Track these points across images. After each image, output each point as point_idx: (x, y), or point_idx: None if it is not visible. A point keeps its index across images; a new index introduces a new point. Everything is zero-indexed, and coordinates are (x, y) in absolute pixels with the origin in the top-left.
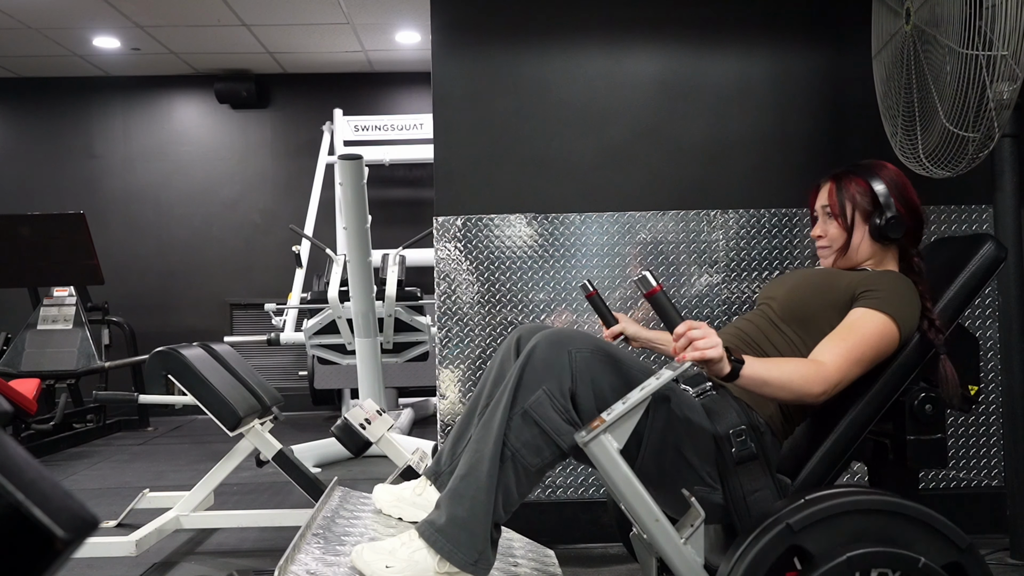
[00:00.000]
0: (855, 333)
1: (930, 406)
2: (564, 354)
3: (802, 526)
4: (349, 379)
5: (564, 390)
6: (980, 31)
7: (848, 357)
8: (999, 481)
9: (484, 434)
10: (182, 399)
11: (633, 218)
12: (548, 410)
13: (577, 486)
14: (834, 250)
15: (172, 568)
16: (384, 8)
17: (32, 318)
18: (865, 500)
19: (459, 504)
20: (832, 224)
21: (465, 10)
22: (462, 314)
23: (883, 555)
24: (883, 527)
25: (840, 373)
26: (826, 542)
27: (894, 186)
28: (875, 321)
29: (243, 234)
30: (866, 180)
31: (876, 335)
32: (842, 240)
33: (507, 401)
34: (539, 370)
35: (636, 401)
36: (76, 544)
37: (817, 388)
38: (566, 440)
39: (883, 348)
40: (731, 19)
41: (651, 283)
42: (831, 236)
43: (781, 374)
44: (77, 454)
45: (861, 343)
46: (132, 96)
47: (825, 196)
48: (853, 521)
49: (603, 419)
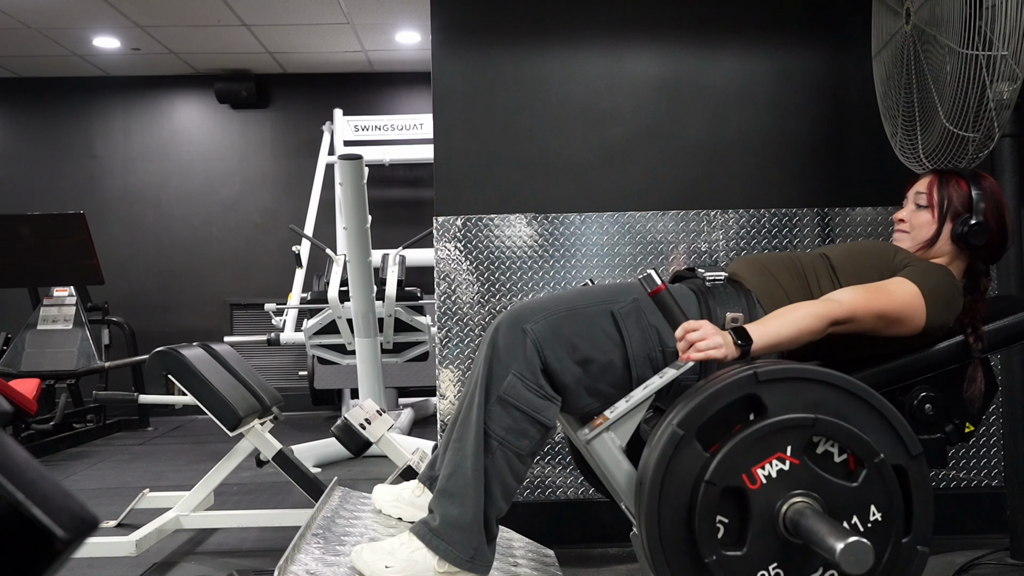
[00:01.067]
0: (882, 288)
1: (930, 406)
2: (519, 333)
3: (767, 378)
4: (349, 379)
5: (534, 369)
6: (980, 31)
7: (865, 299)
8: (999, 481)
9: (463, 431)
10: (182, 399)
11: (633, 218)
12: (522, 391)
13: (577, 486)
14: (914, 238)
15: (172, 568)
16: (384, 8)
17: (32, 318)
18: (834, 375)
19: (450, 503)
20: (922, 214)
21: (465, 10)
22: (462, 314)
23: (835, 427)
24: (843, 405)
25: (849, 311)
26: (785, 400)
27: (991, 198)
28: (905, 288)
29: (243, 234)
30: (968, 183)
31: (901, 299)
32: (928, 233)
33: (480, 394)
34: (504, 356)
35: (639, 400)
36: (76, 544)
37: (824, 323)
38: (547, 415)
39: (904, 315)
40: (731, 19)
41: (656, 282)
42: (915, 223)
43: (792, 326)
44: (77, 454)
45: (883, 296)
46: (132, 96)
47: (924, 186)
48: (817, 389)
49: (606, 417)
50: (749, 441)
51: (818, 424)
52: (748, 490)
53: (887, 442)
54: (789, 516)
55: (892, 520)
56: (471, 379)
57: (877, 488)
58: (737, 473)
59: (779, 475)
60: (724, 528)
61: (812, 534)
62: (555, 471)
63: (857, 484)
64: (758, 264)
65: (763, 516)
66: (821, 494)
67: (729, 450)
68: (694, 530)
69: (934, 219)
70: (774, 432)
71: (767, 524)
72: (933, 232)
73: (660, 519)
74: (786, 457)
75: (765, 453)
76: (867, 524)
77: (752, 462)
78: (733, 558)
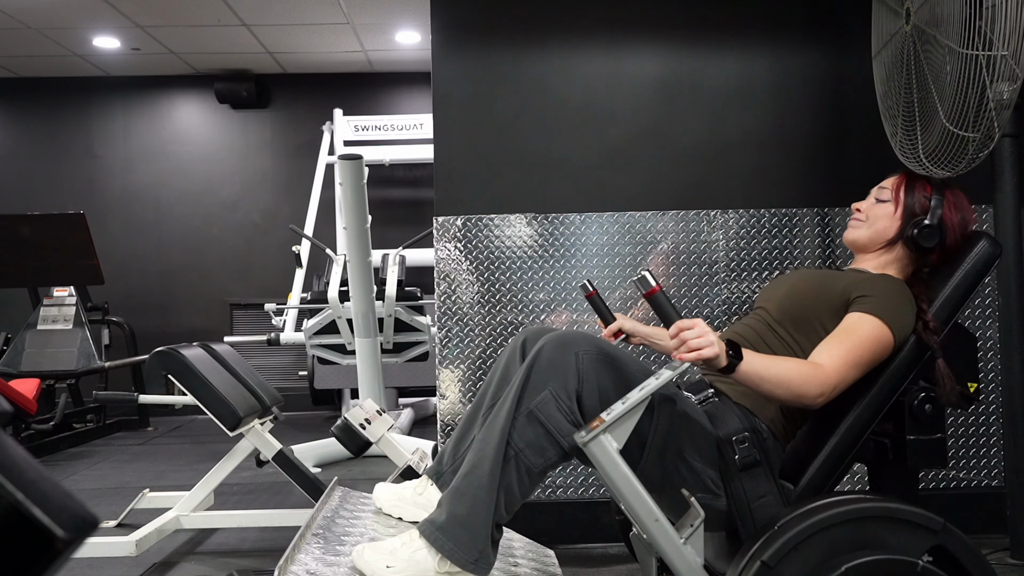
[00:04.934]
0: (851, 337)
1: (930, 406)
2: (571, 355)
3: (776, 560)
4: (349, 379)
5: (570, 391)
6: (980, 31)
7: (846, 360)
8: (999, 481)
9: (488, 433)
10: (182, 399)
11: (633, 218)
12: (553, 411)
13: (577, 486)
14: (870, 229)
15: (172, 568)
16: (384, 8)
17: (32, 318)
18: (832, 515)
19: (460, 502)
20: (881, 207)
21: (465, 10)
22: (462, 314)
23: (867, 565)
24: (855, 534)
25: (838, 375)
26: (803, 567)
27: (953, 206)
28: (870, 325)
29: (243, 234)
30: (932, 188)
31: (871, 339)
32: (886, 228)
33: (512, 401)
34: (545, 371)
35: (635, 401)
36: (76, 544)
37: (815, 389)
38: (569, 441)
39: (879, 352)
40: (731, 19)
41: (650, 283)
42: (872, 214)
43: (779, 371)
44: (77, 454)
45: (858, 346)
46: (132, 96)
47: (889, 182)
48: (825, 537)
49: (603, 419)
50: None
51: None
52: None
53: (908, 537)
54: None
55: None
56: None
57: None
58: None
59: None
60: None
61: None
62: (555, 471)
63: None
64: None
65: None
66: None
67: None
68: None
69: (896, 215)
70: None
71: None
72: (895, 231)
73: None
74: None
75: None
76: None
77: None
78: None
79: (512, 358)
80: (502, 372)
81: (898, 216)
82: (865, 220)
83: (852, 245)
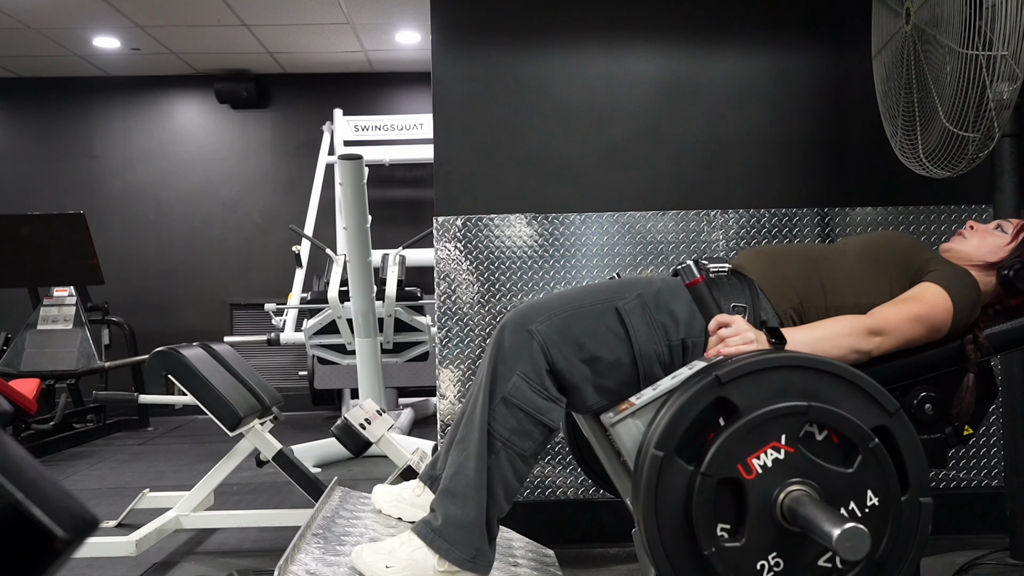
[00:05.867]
0: (916, 298)
1: (930, 406)
2: (525, 334)
3: (729, 378)
4: (349, 379)
5: (539, 370)
6: (980, 31)
7: (906, 313)
8: (999, 481)
9: (467, 431)
10: (182, 399)
11: (633, 218)
12: (527, 392)
13: (577, 486)
14: (978, 247)
15: (172, 568)
16: (384, 8)
17: (32, 318)
18: (793, 356)
19: (452, 502)
20: (998, 235)
21: (465, 10)
22: (462, 314)
23: (829, 414)
24: (810, 384)
25: (893, 325)
26: (753, 395)
27: None
28: (937, 294)
29: (243, 234)
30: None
31: (935, 306)
32: (992, 245)
33: (485, 394)
34: (509, 357)
35: (667, 389)
36: (76, 544)
37: (864, 333)
38: (551, 416)
39: (937, 322)
40: (731, 19)
41: (694, 273)
42: (986, 234)
43: (826, 331)
44: (77, 454)
45: (920, 306)
46: (132, 96)
47: (1016, 222)
48: (781, 376)
49: (632, 403)
50: (743, 432)
51: (811, 411)
52: (744, 480)
53: (862, 407)
54: (786, 504)
55: (888, 502)
56: (476, 379)
57: (873, 473)
58: (732, 464)
59: (775, 464)
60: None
61: (809, 522)
62: (555, 471)
63: (853, 470)
64: (763, 255)
65: (760, 505)
66: (818, 481)
67: (723, 442)
68: (692, 524)
69: (1006, 248)
70: (767, 421)
71: (765, 513)
72: (999, 258)
73: (658, 517)
74: (781, 446)
75: (761, 443)
76: (864, 510)
77: (747, 452)
78: (732, 549)
79: None
80: None
81: (1009, 249)
82: (976, 234)
83: (951, 253)
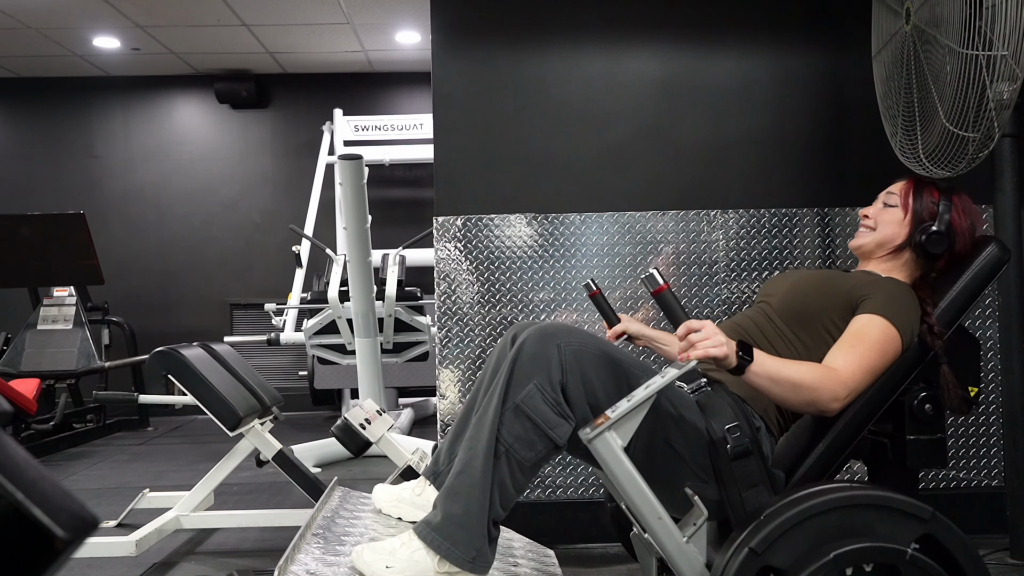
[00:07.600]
0: (864, 341)
1: (930, 406)
2: (552, 347)
3: (765, 546)
4: (349, 379)
5: (554, 383)
6: (980, 31)
7: (860, 365)
8: (999, 481)
9: (478, 431)
10: (182, 399)
11: (633, 218)
12: (539, 403)
13: (577, 486)
14: (880, 235)
15: (172, 568)
16: (384, 8)
17: (32, 318)
18: (819, 503)
19: (454, 501)
20: (890, 212)
21: (465, 10)
22: (462, 314)
23: (855, 552)
24: (844, 520)
25: (854, 381)
26: (792, 551)
27: (961, 211)
28: (881, 328)
29: (243, 234)
30: (940, 193)
31: (882, 341)
32: (896, 234)
33: (499, 397)
34: (528, 365)
35: (641, 399)
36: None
37: (828, 395)
38: (558, 433)
39: (889, 357)
40: (731, 19)
41: (658, 281)
42: (880, 220)
43: (792, 374)
44: (77, 454)
45: (871, 351)
46: (132, 96)
47: (897, 188)
48: (814, 524)
49: (608, 416)
50: None
51: (850, 555)
52: None
53: (899, 525)
54: None
55: None
56: (495, 379)
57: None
58: None
59: None
60: None
61: None
62: (555, 471)
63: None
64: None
65: None
66: None
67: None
68: None
69: (905, 221)
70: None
71: None
72: (904, 236)
73: None
74: None
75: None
76: None
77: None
78: None
79: (502, 355)
80: (493, 369)
81: (907, 222)
82: (874, 227)
83: (859, 251)
